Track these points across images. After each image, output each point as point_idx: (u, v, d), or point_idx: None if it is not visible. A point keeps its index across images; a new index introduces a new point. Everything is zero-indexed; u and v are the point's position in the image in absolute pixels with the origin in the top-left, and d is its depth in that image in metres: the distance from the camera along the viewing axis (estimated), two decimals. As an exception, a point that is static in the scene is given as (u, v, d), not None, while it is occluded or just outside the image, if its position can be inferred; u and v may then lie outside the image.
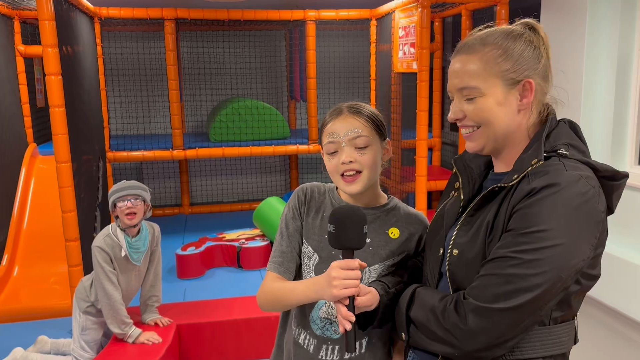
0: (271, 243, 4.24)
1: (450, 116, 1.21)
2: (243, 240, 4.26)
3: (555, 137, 1.15)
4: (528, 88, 1.15)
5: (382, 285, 1.29)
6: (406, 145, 4.48)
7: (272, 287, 1.40)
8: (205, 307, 3.10)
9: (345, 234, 1.18)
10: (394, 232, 1.42)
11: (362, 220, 1.20)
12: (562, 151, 1.11)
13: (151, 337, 2.66)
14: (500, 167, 1.23)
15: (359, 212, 1.21)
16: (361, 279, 1.24)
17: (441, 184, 4.66)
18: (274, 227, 4.19)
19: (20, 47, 4.47)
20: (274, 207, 4.32)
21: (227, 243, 4.25)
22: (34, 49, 4.51)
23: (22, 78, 4.52)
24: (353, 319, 1.16)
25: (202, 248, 4.13)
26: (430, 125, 5.13)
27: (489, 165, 1.29)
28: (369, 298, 1.22)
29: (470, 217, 1.19)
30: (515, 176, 1.11)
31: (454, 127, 5.31)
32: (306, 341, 1.43)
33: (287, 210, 1.47)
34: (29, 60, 4.75)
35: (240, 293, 3.50)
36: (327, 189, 1.48)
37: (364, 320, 1.29)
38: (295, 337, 1.45)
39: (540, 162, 1.10)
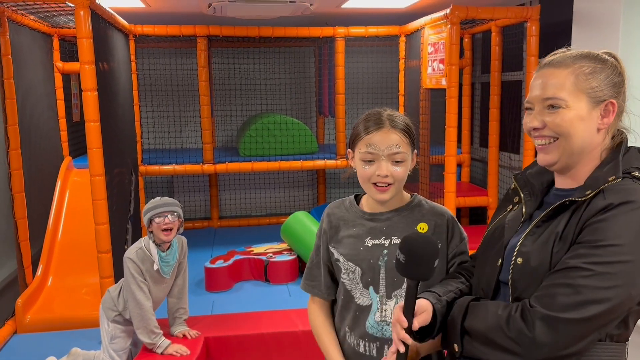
0: (298, 257, 4.25)
1: (530, 124, 1.22)
2: (271, 254, 4.28)
3: (628, 160, 1.18)
4: (610, 109, 1.18)
5: (433, 294, 1.30)
6: (435, 161, 4.46)
7: (313, 320, 1.61)
8: (233, 320, 3.12)
9: (417, 267, 1.19)
10: (423, 227, 1.48)
11: (435, 254, 1.19)
12: (637, 173, 1.14)
13: (179, 349, 2.69)
14: (564, 183, 1.24)
15: (433, 246, 1.20)
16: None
17: (470, 201, 4.62)
18: (301, 242, 4.20)
19: (59, 64, 4.61)
20: (302, 222, 4.33)
21: (255, 257, 4.27)
22: (71, 66, 4.66)
23: (60, 93, 4.66)
24: (409, 341, 1.20)
25: (231, 261, 4.16)
26: (459, 141, 5.11)
27: (551, 183, 1.30)
28: (424, 317, 1.23)
29: (536, 227, 1.20)
30: (588, 192, 1.13)
31: (484, 143, 5.26)
32: (367, 347, 1.49)
33: (317, 238, 1.61)
34: (66, 76, 4.90)
35: (268, 307, 3.51)
36: (348, 202, 1.58)
37: (422, 334, 1.29)
38: (355, 348, 1.52)
39: (619, 180, 1.12)
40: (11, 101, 3.54)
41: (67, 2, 3.04)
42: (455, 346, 1.22)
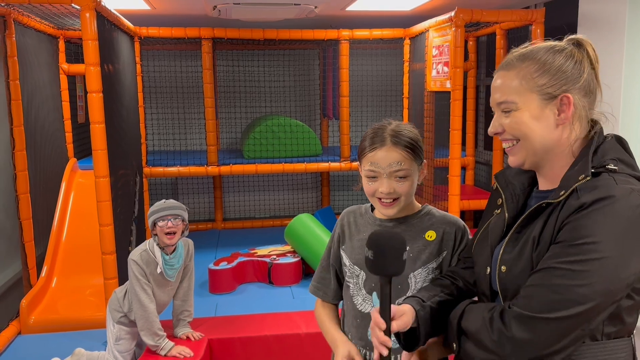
0: (302, 260, 4.25)
1: (490, 130, 1.24)
2: (274, 256, 4.28)
3: (603, 152, 1.14)
4: (566, 103, 1.15)
5: (416, 299, 1.30)
6: (439, 164, 4.46)
7: (318, 316, 1.62)
8: (237, 322, 3.12)
9: (384, 261, 1.17)
10: (431, 235, 1.48)
11: (402, 247, 1.18)
12: (611, 166, 1.11)
13: (183, 350, 2.69)
14: (544, 184, 1.23)
15: (398, 239, 1.19)
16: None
17: (474, 204, 4.61)
18: (304, 244, 4.20)
19: (64, 66, 4.63)
20: (305, 224, 4.33)
21: (259, 259, 4.28)
22: (76, 67, 4.67)
23: (65, 95, 4.68)
24: (390, 344, 1.17)
25: (234, 263, 4.16)
26: (463, 144, 5.10)
27: (533, 182, 1.28)
28: (404, 320, 1.23)
29: (517, 233, 1.19)
30: (562, 192, 1.11)
31: (488, 145, 5.26)
32: (368, 356, 1.49)
33: (329, 241, 1.62)
34: (71, 78, 4.91)
35: (271, 309, 3.51)
36: (364, 209, 1.59)
37: (408, 341, 1.29)
38: None
39: (588, 178, 1.10)
40: (17, 102, 3.56)
41: (73, 4, 3.06)
42: (454, 345, 1.23)
